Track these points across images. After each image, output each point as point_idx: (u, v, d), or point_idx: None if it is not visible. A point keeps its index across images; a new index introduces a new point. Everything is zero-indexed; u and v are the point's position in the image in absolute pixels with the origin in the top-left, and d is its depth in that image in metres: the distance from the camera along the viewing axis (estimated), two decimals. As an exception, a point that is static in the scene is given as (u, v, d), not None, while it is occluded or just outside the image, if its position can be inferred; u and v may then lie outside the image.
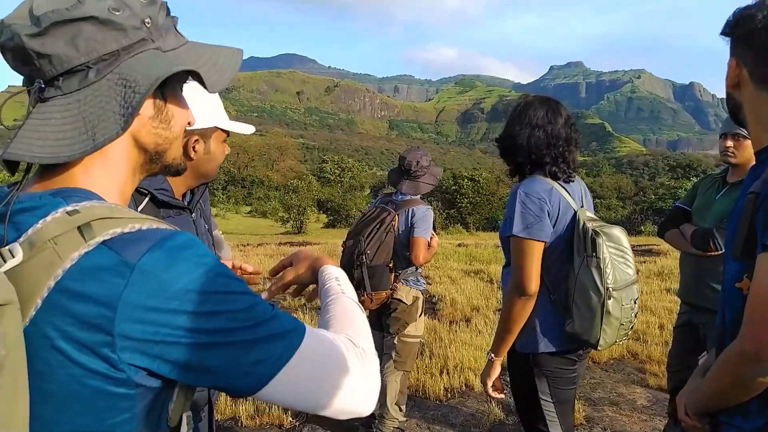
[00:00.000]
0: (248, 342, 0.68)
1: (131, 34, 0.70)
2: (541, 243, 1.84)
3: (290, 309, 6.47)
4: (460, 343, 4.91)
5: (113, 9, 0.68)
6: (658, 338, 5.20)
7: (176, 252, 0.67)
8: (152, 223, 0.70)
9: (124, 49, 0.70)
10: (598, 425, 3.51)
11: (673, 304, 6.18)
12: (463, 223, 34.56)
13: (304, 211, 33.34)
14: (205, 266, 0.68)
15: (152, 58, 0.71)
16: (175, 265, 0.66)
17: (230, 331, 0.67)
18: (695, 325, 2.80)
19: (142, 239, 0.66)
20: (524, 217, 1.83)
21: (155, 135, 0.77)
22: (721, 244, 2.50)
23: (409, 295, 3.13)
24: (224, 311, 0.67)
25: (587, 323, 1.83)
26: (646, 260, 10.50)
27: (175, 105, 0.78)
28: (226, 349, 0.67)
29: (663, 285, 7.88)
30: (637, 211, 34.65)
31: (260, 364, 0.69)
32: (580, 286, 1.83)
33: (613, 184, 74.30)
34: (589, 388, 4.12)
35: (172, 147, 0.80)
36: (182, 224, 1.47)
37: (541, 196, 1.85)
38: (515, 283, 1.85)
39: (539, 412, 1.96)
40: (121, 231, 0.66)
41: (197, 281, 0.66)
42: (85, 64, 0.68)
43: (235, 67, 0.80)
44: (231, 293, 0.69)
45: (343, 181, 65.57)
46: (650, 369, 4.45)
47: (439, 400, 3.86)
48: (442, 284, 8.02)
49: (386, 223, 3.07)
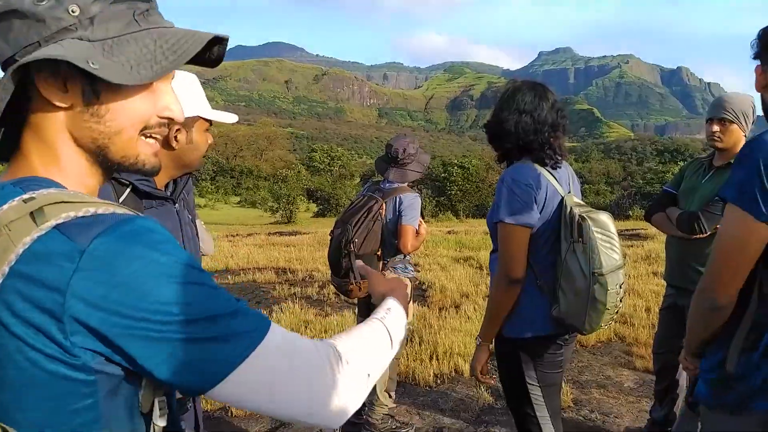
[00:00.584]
0: (200, 337, 0.66)
1: (51, 25, 0.69)
2: (528, 229, 1.84)
3: (279, 298, 6.46)
4: (450, 329, 4.94)
5: (37, 1, 0.68)
6: (645, 321, 5.26)
7: (130, 237, 0.65)
8: (109, 208, 0.69)
9: (44, 40, 0.69)
10: (586, 407, 3.55)
11: (660, 287, 6.24)
12: (453, 210, 34.60)
13: (293, 200, 33.20)
14: (161, 252, 0.66)
15: (63, 46, 0.69)
16: (127, 250, 0.64)
17: (182, 323, 0.65)
18: (680, 308, 2.82)
19: (95, 223, 0.65)
20: (511, 204, 1.83)
21: (87, 129, 0.74)
22: (706, 227, 2.52)
23: None
24: (177, 302, 0.65)
25: (573, 308, 1.83)
26: (633, 244, 10.59)
27: (114, 99, 0.73)
28: (176, 344, 0.65)
29: (650, 268, 7.96)
30: (626, 196, 34.91)
31: (212, 362, 0.66)
32: (566, 271, 1.83)
33: (602, 169, 74.71)
34: (576, 371, 4.17)
35: (113, 143, 0.75)
36: (165, 215, 1.45)
37: (528, 182, 1.85)
38: (503, 268, 1.86)
39: (526, 396, 1.98)
40: (74, 215, 0.65)
41: (150, 268, 0.64)
42: (13, 57, 0.70)
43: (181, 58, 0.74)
44: (187, 283, 0.66)
45: (333, 170, 65.38)
46: (637, 351, 4.50)
47: (428, 386, 3.89)
48: (431, 271, 8.05)
49: (374, 211, 3.06)
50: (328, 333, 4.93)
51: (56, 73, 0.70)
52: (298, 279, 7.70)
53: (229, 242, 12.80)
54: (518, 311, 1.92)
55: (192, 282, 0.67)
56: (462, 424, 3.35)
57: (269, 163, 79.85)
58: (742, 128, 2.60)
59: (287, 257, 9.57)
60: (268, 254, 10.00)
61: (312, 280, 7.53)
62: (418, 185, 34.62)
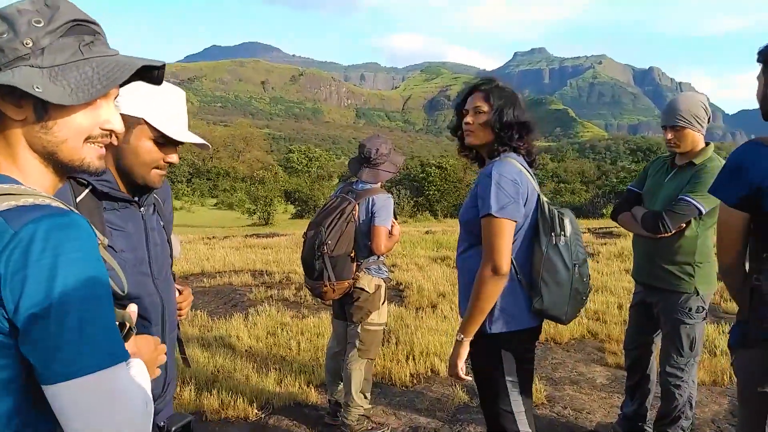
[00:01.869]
0: (65, 334, 0.78)
1: (9, 54, 0.85)
2: (514, 223, 1.90)
3: (256, 301, 6.42)
4: (426, 329, 4.96)
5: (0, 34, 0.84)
6: (617, 318, 5.35)
7: (56, 228, 0.79)
8: (51, 201, 0.85)
9: (3, 65, 0.84)
10: (559, 404, 3.60)
11: (632, 284, 6.36)
12: (431, 210, 34.76)
13: (271, 202, 32.98)
14: (74, 250, 0.80)
15: (14, 72, 0.84)
16: (49, 239, 0.78)
17: (59, 314, 0.77)
18: (649, 304, 2.89)
19: (32, 211, 0.80)
20: (499, 198, 1.87)
21: (38, 138, 0.89)
22: (670, 226, 2.58)
23: (372, 284, 3.14)
24: (62, 294, 0.78)
25: (556, 298, 1.93)
26: (606, 242, 10.76)
27: (60, 114, 0.89)
28: (46, 329, 0.77)
29: (622, 266, 8.10)
30: (600, 195, 35.48)
31: (62, 362, 0.78)
32: (548, 263, 1.92)
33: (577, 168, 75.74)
34: (550, 368, 4.22)
35: (60, 150, 0.90)
36: (127, 217, 1.44)
37: (514, 177, 1.90)
38: (491, 263, 1.87)
39: (503, 393, 2.00)
40: (16, 204, 0.81)
41: (57, 258, 0.78)
42: None
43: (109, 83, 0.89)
44: (81, 282, 0.80)
45: (311, 171, 65.08)
46: (609, 348, 4.58)
47: (404, 386, 3.90)
48: (409, 271, 8.06)
49: (347, 212, 3.06)
50: (304, 335, 4.92)
51: (12, 93, 0.85)
52: (275, 281, 7.66)
53: (206, 245, 12.66)
54: (499, 306, 1.95)
55: (84, 284, 0.80)
56: (438, 423, 3.37)
57: (246, 165, 79.09)
58: (696, 130, 2.66)
59: (264, 259, 9.50)
60: (244, 256, 9.92)
61: (289, 282, 7.49)
62: (396, 185, 34.69)
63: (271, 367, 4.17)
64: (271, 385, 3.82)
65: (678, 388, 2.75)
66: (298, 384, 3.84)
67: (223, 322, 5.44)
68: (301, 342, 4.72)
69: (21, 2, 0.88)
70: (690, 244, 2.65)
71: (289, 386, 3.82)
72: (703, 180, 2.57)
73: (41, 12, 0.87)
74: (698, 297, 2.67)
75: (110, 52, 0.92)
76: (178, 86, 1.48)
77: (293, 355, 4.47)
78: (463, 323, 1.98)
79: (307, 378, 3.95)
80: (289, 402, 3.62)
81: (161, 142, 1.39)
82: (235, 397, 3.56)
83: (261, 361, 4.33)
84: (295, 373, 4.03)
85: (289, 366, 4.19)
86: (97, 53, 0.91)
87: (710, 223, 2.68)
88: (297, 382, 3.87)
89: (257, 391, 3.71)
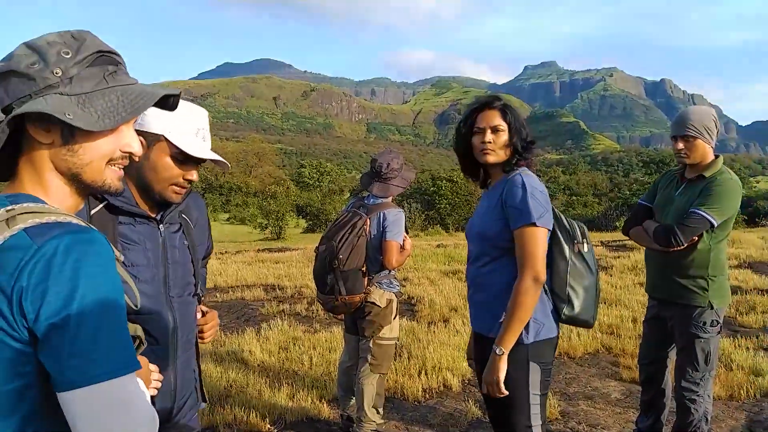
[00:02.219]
0: (80, 343, 0.82)
1: (39, 82, 0.91)
2: (549, 231, 1.97)
3: (268, 315, 6.44)
4: (438, 343, 4.95)
5: (31, 64, 0.91)
6: (631, 332, 5.30)
7: (77, 243, 0.85)
8: (72, 219, 0.91)
9: (35, 93, 0.91)
10: (573, 419, 3.57)
11: (646, 297, 6.30)
12: (442, 224, 34.66)
13: (282, 216, 33.08)
14: (94, 264, 0.85)
15: (46, 100, 0.90)
16: (69, 253, 0.83)
17: (76, 324, 0.82)
18: (663, 319, 2.87)
19: (54, 227, 0.86)
20: (536, 207, 1.91)
21: (64, 161, 0.96)
22: (682, 240, 2.57)
23: (383, 298, 3.15)
24: (80, 305, 0.82)
25: (585, 304, 1.99)
26: (620, 255, 10.68)
27: (85, 138, 0.95)
28: (63, 337, 0.82)
29: (636, 279, 8.02)
30: (613, 207, 35.20)
31: (76, 369, 0.82)
32: (574, 270, 1.98)
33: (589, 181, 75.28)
34: (564, 383, 4.19)
35: (84, 172, 0.97)
36: (144, 233, 1.46)
37: (542, 188, 1.98)
38: (533, 272, 1.89)
39: (525, 406, 1.97)
40: (39, 221, 0.87)
41: (77, 272, 0.83)
42: (11, 105, 0.91)
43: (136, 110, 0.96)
44: (99, 294, 0.84)
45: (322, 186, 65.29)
46: (624, 362, 4.53)
47: (417, 400, 3.88)
48: (420, 285, 8.05)
49: (358, 227, 3.08)
50: (316, 349, 4.92)
51: (41, 119, 0.91)
52: (287, 296, 7.68)
53: (218, 260, 12.73)
54: (533, 316, 1.95)
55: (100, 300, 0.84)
56: (451, 438, 3.36)
57: (258, 180, 79.54)
58: (706, 141, 2.66)
59: (276, 274, 9.53)
60: (256, 271, 9.96)
61: (301, 297, 7.51)
62: (407, 199, 34.66)
63: (284, 381, 4.18)
64: (284, 400, 3.83)
65: (693, 402, 2.72)
66: (311, 399, 3.84)
67: (235, 337, 5.46)
68: (313, 357, 4.72)
69: (50, 35, 0.94)
70: (703, 258, 2.64)
71: (301, 401, 3.82)
72: (714, 193, 2.56)
73: (69, 44, 0.93)
74: (712, 311, 2.65)
75: (131, 80, 1.00)
76: (196, 105, 1.50)
77: (305, 370, 4.48)
78: (502, 336, 1.93)
79: (319, 393, 3.95)
80: (301, 417, 3.62)
81: (181, 159, 1.42)
82: (248, 411, 3.57)
83: (273, 375, 4.34)
84: (307, 388, 4.03)
85: (301, 381, 4.19)
86: (120, 82, 0.97)
87: (722, 236, 2.67)
88: (309, 397, 3.87)
89: (270, 405, 3.71)
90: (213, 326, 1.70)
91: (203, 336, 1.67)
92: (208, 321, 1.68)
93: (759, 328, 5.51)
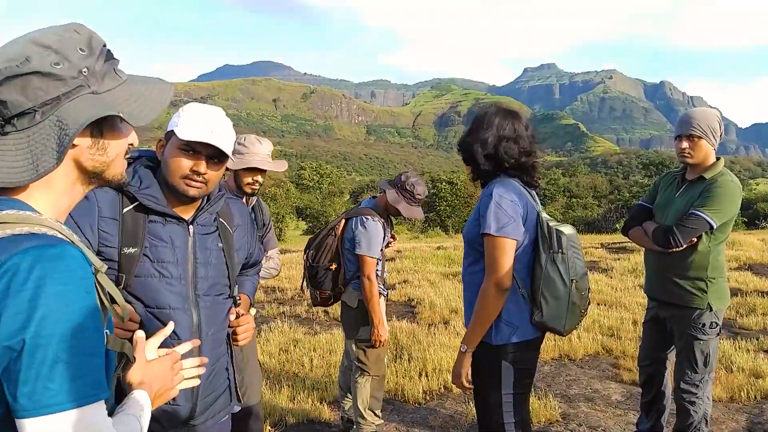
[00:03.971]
0: (35, 369, 0.75)
1: (70, 83, 0.86)
2: (515, 241, 1.98)
3: (268, 317, 6.45)
4: (439, 345, 4.95)
5: (54, 63, 0.84)
6: (631, 334, 5.31)
7: (43, 259, 0.78)
8: (47, 230, 0.84)
9: (64, 95, 0.85)
10: (574, 421, 3.57)
11: (646, 299, 6.31)
12: (442, 225, 34.69)
13: (282, 218, 33.15)
14: (59, 282, 0.78)
15: (85, 102, 0.87)
16: (33, 270, 0.77)
17: (32, 349, 0.75)
18: (662, 320, 2.87)
19: (23, 241, 0.80)
20: (499, 218, 1.95)
21: (93, 160, 0.93)
22: (681, 240, 2.58)
23: (353, 298, 3.14)
24: (38, 327, 0.75)
25: (555, 312, 2.00)
26: (620, 257, 10.68)
27: (112, 135, 0.94)
28: (17, 362, 0.75)
29: (636, 281, 8.03)
30: (613, 210, 35.22)
31: (29, 397, 0.75)
32: (546, 278, 1.99)
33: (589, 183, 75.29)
34: (564, 385, 4.19)
35: (109, 168, 0.95)
36: (172, 232, 1.51)
37: (514, 198, 1.99)
38: (494, 278, 1.95)
39: (498, 404, 2.05)
40: (11, 232, 0.80)
41: (39, 290, 0.76)
42: (32, 108, 0.84)
43: (164, 101, 0.96)
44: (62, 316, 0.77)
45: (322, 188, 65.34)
46: (624, 364, 4.54)
47: (417, 402, 3.89)
48: (420, 287, 8.05)
49: (330, 227, 3.21)
50: (317, 351, 4.93)
51: None
52: (287, 297, 7.69)
53: (218, 262, 12.72)
54: (504, 318, 2.02)
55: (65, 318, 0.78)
56: (451, 440, 3.36)
57: (258, 182, 79.49)
58: (710, 142, 2.67)
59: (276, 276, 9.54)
60: (257, 273, 9.97)
61: (301, 299, 7.51)
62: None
63: (284, 383, 4.18)
64: (284, 402, 3.83)
65: (693, 404, 2.73)
66: (311, 401, 3.85)
67: (236, 339, 5.46)
68: (313, 358, 4.73)
69: (49, 30, 0.87)
70: (702, 259, 2.64)
71: (302, 403, 3.83)
72: (713, 194, 2.57)
73: (78, 40, 0.88)
74: (711, 312, 2.66)
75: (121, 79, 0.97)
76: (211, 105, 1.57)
77: (306, 372, 4.48)
78: (466, 334, 2.06)
79: (319, 395, 3.95)
80: (302, 419, 3.63)
81: (187, 150, 1.46)
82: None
83: (274, 377, 4.35)
84: (307, 390, 4.04)
85: (301, 383, 4.20)
86: (124, 75, 0.96)
87: (722, 237, 2.68)
88: (310, 399, 3.87)
89: (270, 407, 3.72)
90: (246, 329, 1.71)
91: (237, 338, 1.70)
92: (241, 323, 1.70)
93: (759, 330, 5.51)
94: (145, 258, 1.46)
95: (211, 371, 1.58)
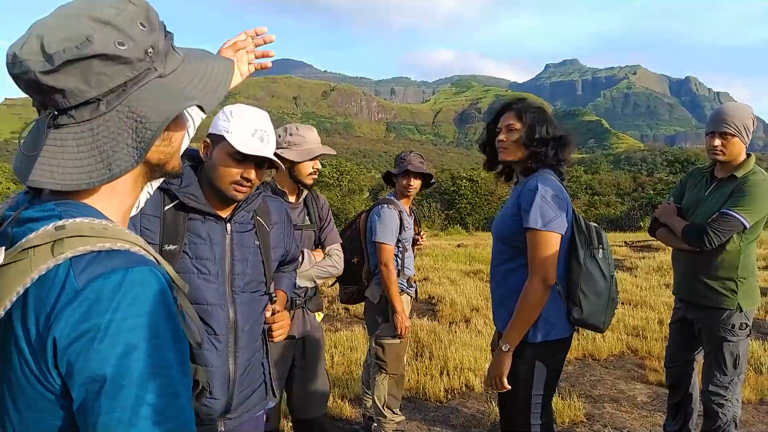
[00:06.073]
0: (117, 412, 0.65)
1: (137, 66, 0.74)
2: (560, 236, 1.96)
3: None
4: (460, 343, 4.93)
5: (119, 43, 0.72)
6: (657, 334, 5.22)
7: (124, 286, 0.69)
8: (125, 245, 0.73)
9: (131, 81, 0.74)
10: (598, 422, 3.52)
11: (672, 299, 6.19)
12: (462, 223, 34.50)
13: (302, 217, 33.29)
14: (142, 313, 0.68)
15: (158, 88, 0.76)
16: (113, 298, 0.67)
17: (113, 390, 0.65)
18: (690, 321, 2.81)
19: (103, 261, 0.70)
20: (545, 212, 1.93)
21: (159, 152, 0.82)
22: (714, 241, 2.51)
23: (376, 294, 3.14)
24: (120, 366, 0.66)
25: (595, 308, 1.98)
26: (645, 256, 10.52)
27: (176, 125, 0.83)
28: (96, 402, 0.66)
29: (662, 280, 7.90)
30: (636, 207, 34.65)
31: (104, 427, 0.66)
32: (586, 275, 1.97)
33: (612, 180, 74.09)
34: (589, 386, 4.14)
35: (171, 158, 0.86)
36: (210, 230, 1.55)
37: (557, 192, 1.97)
38: (540, 274, 1.93)
39: (527, 404, 2.03)
40: (90, 248, 0.70)
41: (121, 324, 0.67)
42: (96, 97, 0.73)
43: (227, 82, 0.86)
44: (145, 352, 0.68)
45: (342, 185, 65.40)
46: (650, 365, 4.46)
47: (439, 401, 3.87)
48: (441, 285, 8.03)
49: (352, 221, 3.25)
50: (337, 348, 4.94)
51: None
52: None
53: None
54: (542, 316, 1.99)
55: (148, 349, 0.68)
56: (473, 439, 3.34)
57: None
58: (743, 140, 2.59)
59: (297, 273, 9.60)
60: (278, 270, 10.04)
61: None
62: (426, 198, 34.57)
63: (306, 380, 4.19)
64: (306, 399, 3.84)
65: (721, 407, 2.67)
66: (332, 398, 3.86)
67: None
68: (334, 355, 4.74)
69: (105, 1, 0.74)
70: (732, 259, 2.58)
71: (323, 400, 3.83)
72: (746, 193, 2.51)
73: (136, 12, 0.75)
74: (741, 313, 2.59)
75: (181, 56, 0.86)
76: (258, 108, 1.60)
77: (327, 369, 4.49)
78: (507, 333, 2.00)
79: (340, 392, 3.97)
80: (323, 416, 3.63)
81: (238, 158, 1.49)
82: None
83: (295, 374, 4.36)
84: (329, 387, 4.04)
85: (323, 379, 4.20)
86: (182, 52, 0.84)
87: (753, 236, 2.61)
88: (331, 396, 3.88)
89: (292, 404, 3.73)
90: (282, 326, 1.74)
91: (272, 334, 1.72)
92: (276, 320, 1.72)
93: (789, 331, 5.37)
94: (184, 255, 1.51)
95: (247, 366, 1.60)
